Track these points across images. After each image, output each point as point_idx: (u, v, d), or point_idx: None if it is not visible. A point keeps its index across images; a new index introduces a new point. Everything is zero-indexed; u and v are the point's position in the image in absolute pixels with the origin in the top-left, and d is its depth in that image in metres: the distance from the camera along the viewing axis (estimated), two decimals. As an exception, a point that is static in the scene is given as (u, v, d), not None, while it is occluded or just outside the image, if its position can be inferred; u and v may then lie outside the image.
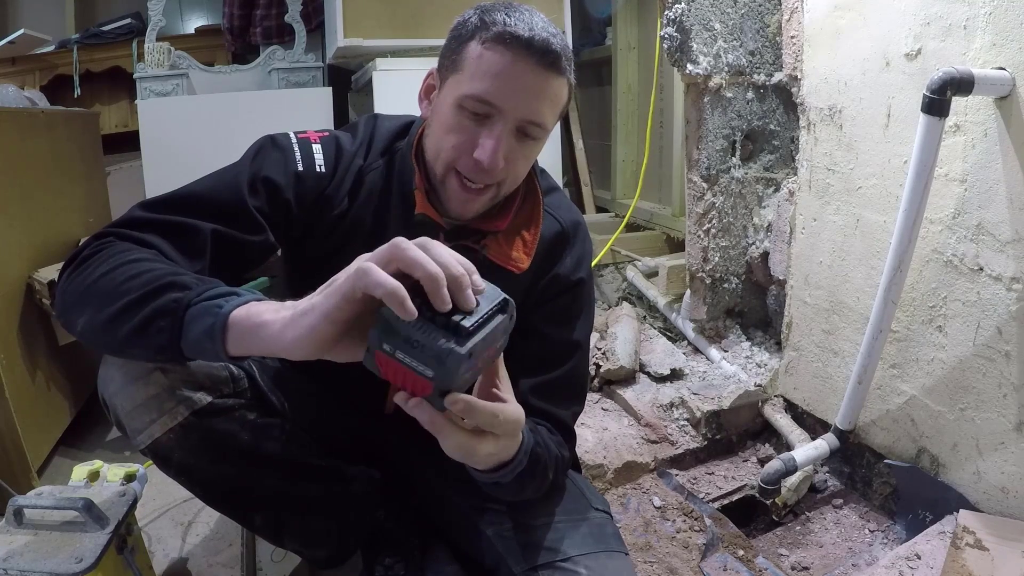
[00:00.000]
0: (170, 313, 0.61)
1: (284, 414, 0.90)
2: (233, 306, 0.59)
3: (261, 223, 0.80)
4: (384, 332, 0.54)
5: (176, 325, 0.61)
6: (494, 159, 0.75)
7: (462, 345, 0.54)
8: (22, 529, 0.88)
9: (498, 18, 0.75)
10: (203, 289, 0.62)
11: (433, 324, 0.54)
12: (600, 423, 1.56)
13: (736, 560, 1.17)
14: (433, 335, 0.54)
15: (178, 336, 0.61)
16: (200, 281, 0.64)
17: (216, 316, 0.59)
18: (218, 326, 0.58)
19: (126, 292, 0.63)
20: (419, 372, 0.55)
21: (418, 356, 0.54)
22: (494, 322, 0.57)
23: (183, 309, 0.61)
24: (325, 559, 0.98)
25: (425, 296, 0.54)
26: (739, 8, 1.60)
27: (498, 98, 0.75)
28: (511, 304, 0.60)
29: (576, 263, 0.93)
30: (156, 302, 0.62)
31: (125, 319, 0.63)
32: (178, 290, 0.62)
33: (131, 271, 0.65)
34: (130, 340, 0.63)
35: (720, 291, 1.79)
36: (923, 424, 1.23)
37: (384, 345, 0.54)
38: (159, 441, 0.76)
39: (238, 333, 0.58)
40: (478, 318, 0.56)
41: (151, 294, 0.62)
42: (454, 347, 0.54)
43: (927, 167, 1.05)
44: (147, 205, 0.76)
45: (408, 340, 0.54)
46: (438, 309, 0.54)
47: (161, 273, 0.65)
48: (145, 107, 2.41)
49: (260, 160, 0.82)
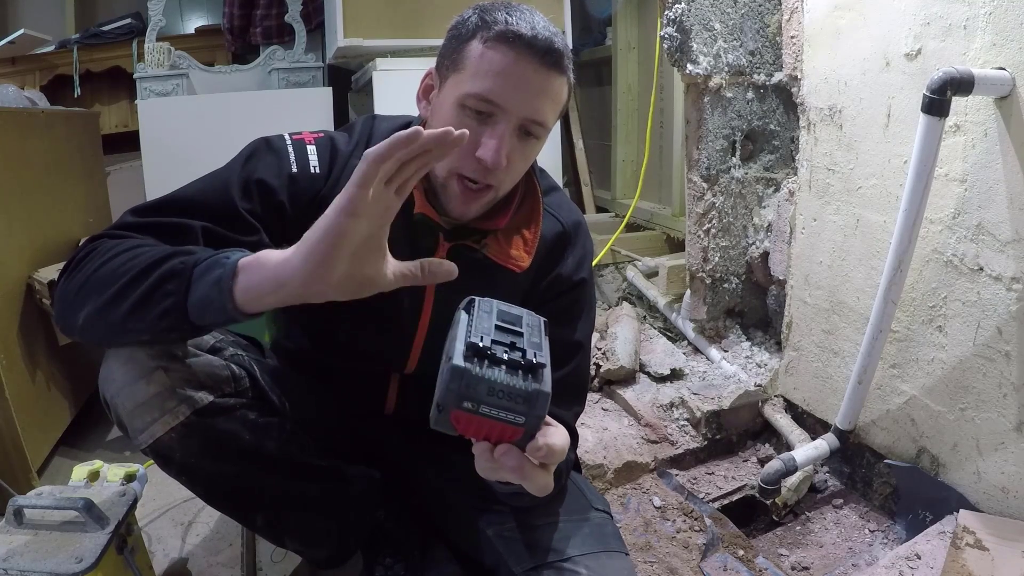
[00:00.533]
0: (177, 274, 0.62)
1: (285, 414, 0.90)
2: (240, 255, 0.61)
3: (253, 225, 0.79)
4: (460, 390, 0.51)
5: (183, 285, 0.61)
6: (497, 157, 0.75)
7: (544, 382, 0.52)
8: (22, 529, 0.88)
9: (499, 17, 0.75)
10: (211, 252, 0.63)
11: (506, 366, 0.51)
12: (600, 423, 1.56)
13: (736, 560, 1.17)
14: (513, 379, 0.51)
15: (184, 296, 0.61)
16: (204, 249, 0.65)
17: (224, 266, 0.60)
18: (227, 274, 0.59)
19: (129, 270, 0.64)
20: (508, 421, 0.52)
21: (505, 405, 0.51)
22: (548, 344, 0.56)
23: (191, 268, 0.62)
24: (325, 559, 0.98)
25: (480, 349, 0.51)
26: (739, 8, 1.61)
27: (501, 97, 0.75)
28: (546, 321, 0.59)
29: (577, 263, 0.93)
30: (162, 268, 0.63)
31: (128, 293, 0.63)
32: (184, 255, 0.63)
33: (132, 253, 0.66)
34: (133, 314, 0.64)
35: (720, 291, 1.79)
36: (923, 424, 1.23)
37: (465, 404, 0.51)
38: (160, 440, 0.76)
39: (247, 277, 0.59)
40: (538, 347, 0.54)
41: (157, 263, 0.63)
42: (540, 387, 0.51)
43: (927, 167, 1.05)
44: (137, 210, 0.77)
45: (491, 390, 0.51)
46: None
47: (164, 249, 0.66)
48: (145, 107, 2.41)
49: (253, 163, 0.82)
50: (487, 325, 0.55)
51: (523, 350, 0.53)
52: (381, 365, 0.95)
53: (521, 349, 0.53)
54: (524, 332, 0.56)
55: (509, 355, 0.52)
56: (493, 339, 0.53)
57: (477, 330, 0.53)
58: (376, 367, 0.96)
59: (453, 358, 0.51)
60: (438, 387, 0.53)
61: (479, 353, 0.52)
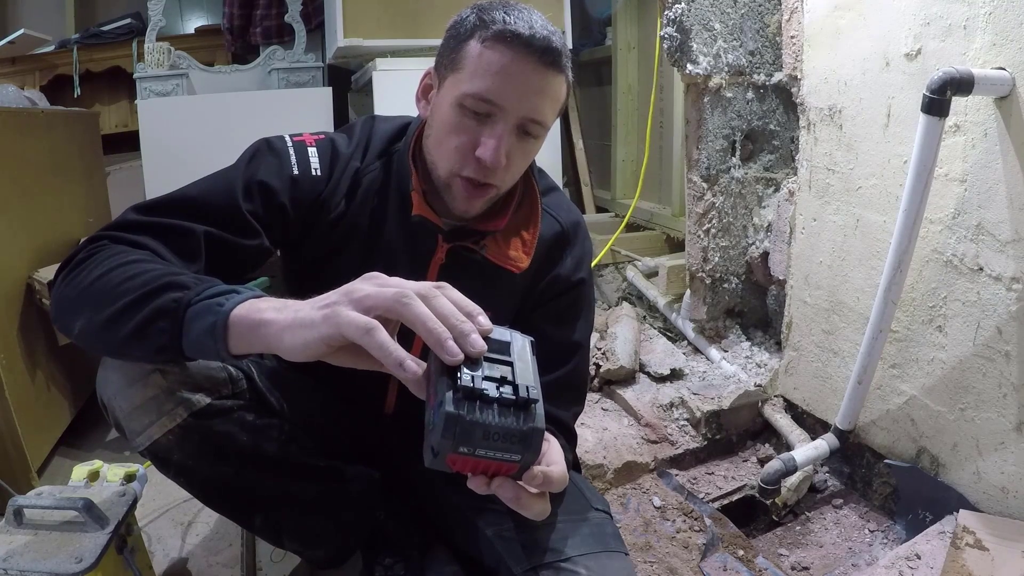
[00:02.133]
0: (170, 313, 0.61)
1: (283, 415, 0.89)
2: (234, 303, 0.59)
3: (255, 227, 0.79)
4: (455, 436, 0.50)
5: (176, 325, 0.60)
6: (496, 157, 0.75)
7: (537, 417, 0.52)
8: (22, 529, 0.88)
9: (497, 16, 0.75)
10: (203, 288, 0.62)
11: (499, 404, 0.51)
12: (600, 423, 1.56)
13: (736, 560, 1.17)
14: (506, 419, 0.51)
15: (179, 336, 0.61)
16: (199, 280, 0.64)
17: (217, 315, 0.59)
18: (220, 324, 0.58)
19: (124, 293, 0.63)
20: (504, 460, 0.52)
21: (500, 446, 0.51)
22: (536, 366, 0.55)
23: (183, 309, 0.60)
24: (325, 559, 0.98)
25: (471, 392, 0.51)
26: (739, 8, 1.60)
27: (499, 96, 0.75)
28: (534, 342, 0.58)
29: (576, 263, 0.93)
30: (155, 302, 0.61)
31: (124, 320, 0.63)
32: (177, 290, 0.62)
33: (128, 272, 0.65)
34: (129, 341, 0.63)
35: (720, 291, 1.79)
36: (923, 424, 1.23)
37: (460, 449, 0.51)
38: (158, 443, 0.76)
39: (240, 331, 0.58)
40: (528, 377, 0.53)
41: (150, 294, 0.62)
42: (535, 425, 0.51)
43: (927, 167, 1.05)
44: (140, 208, 0.76)
45: (486, 434, 0.51)
46: (447, 363, 0.52)
47: (159, 273, 0.64)
48: (145, 107, 2.41)
49: (255, 164, 0.82)
50: (477, 364, 0.53)
51: (515, 384, 0.52)
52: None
53: (512, 383, 0.53)
54: (514, 362, 0.54)
55: (501, 392, 0.51)
56: (484, 375, 0.52)
57: (466, 371, 0.52)
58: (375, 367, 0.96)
59: (445, 404, 0.50)
60: (432, 432, 0.52)
61: (471, 395, 0.51)
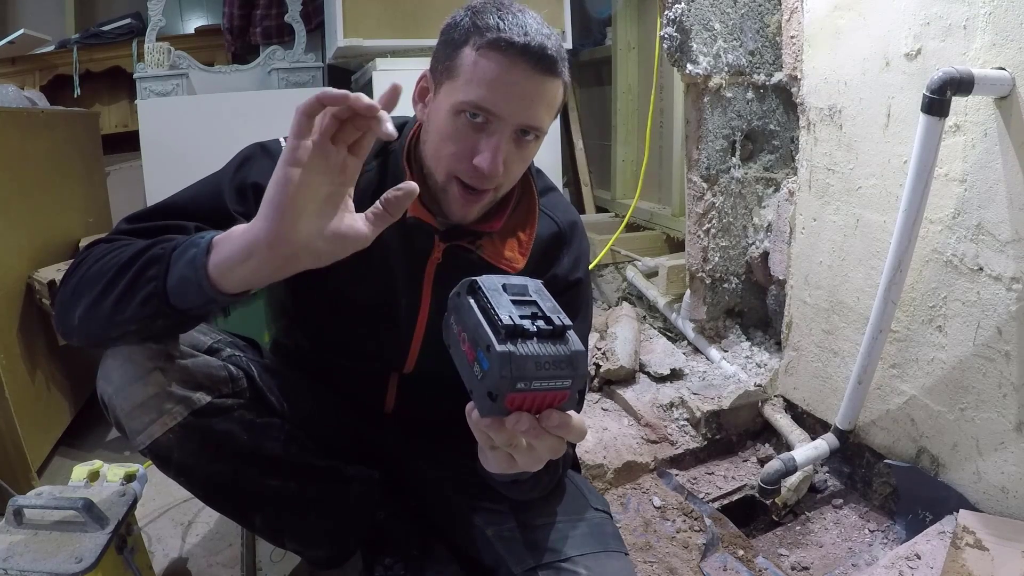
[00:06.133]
0: (157, 260, 0.64)
1: (283, 414, 0.90)
2: (214, 234, 0.62)
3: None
4: (512, 373, 0.51)
5: (163, 270, 0.63)
6: (494, 166, 0.75)
7: (575, 341, 0.54)
8: (22, 529, 0.88)
9: (491, 22, 0.74)
10: (192, 236, 0.65)
11: (538, 337, 0.52)
12: (600, 423, 1.56)
13: (736, 560, 1.17)
14: (552, 348, 0.52)
15: (164, 280, 0.62)
16: (187, 237, 0.66)
17: (198, 245, 0.61)
18: (200, 252, 0.60)
19: (114, 264, 0.66)
20: (558, 388, 0.53)
21: (552, 374, 0.52)
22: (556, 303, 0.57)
23: (169, 252, 0.63)
24: (325, 559, 0.98)
25: (514, 329, 0.52)
26: (739, 8, 1.60)
27: (495, 105, 0.74)
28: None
29: (573, 263, 0.93)
30: (145, 256, 0.65)
31: (115, 284, 0.65)
32: (167, 242, 0.65)
33: (119, 250, 0.69)
34: (119, 303, 0.65)
35: (720, 291, 1.79)
36: (923, 424, 1.23)
37: (518, 385, 0.52)
38: (158, 441, 0.76)
39: (218, 251, 0.60)
40: (554, 310, 0.55)
41: (139, 252, 0.65)
42: (577, 348, 0.53)
43: (927, 167, 1.05)
44: (131, 218, 0.78)
45: (538, 365, 0.52)
46: (386, 134, 0.56)
47: (149, 241, 0.68)
48: (145, 107, 2.40)
49: (247, 168, 0.82)
50: (505, 302, 0.55)
51: (546, 316, 0.54)
52: (380, 364, 0.95)
53: (543, 316, 0.54)
54: (536, 299, 0.56)
55: (538, 326, 0.53)
56: (520, 316, 0.54)
57: (501, 310, 0.53)
58: (375, 366, 0.96)
59: (495, 345, 0.51)
60: (485, 378, 0.53)
61: (514, 333, 0.52)
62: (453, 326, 0.58)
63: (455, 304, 0.59)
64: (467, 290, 0.58)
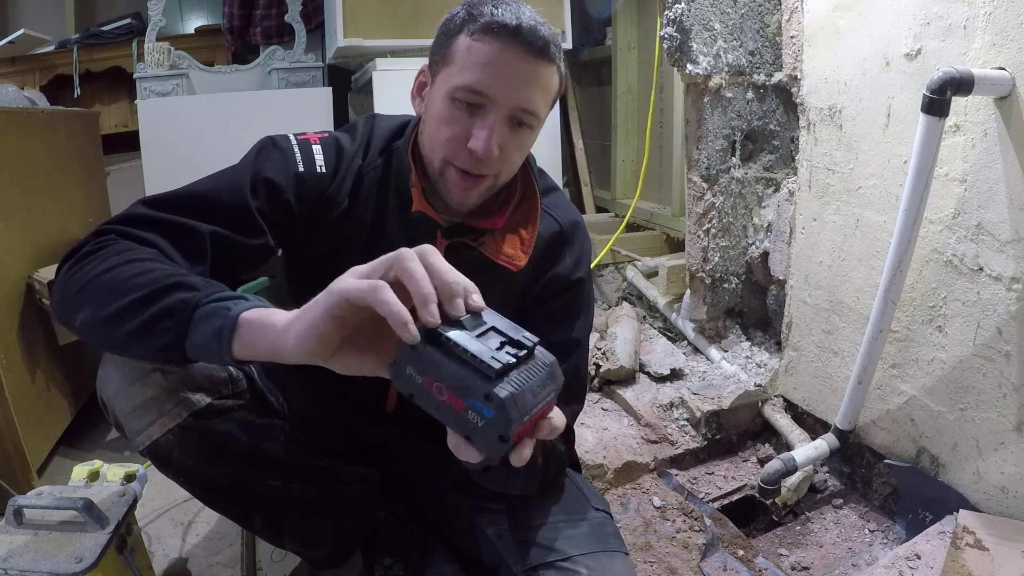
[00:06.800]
0: (177, 313, 0.61)
1: (283, 415, 0.90)
2: (242, 309, 0.59)
3: (261, 225, 0.80)
4: (518, 411, 0.52)
5: (183, 325, 0.60)
6: (488, 148, 0.76)
7: (546, 353, 0.56)
8: (22, 529, 0.88)
9: (485, 10, 0.76)
10: (211, 291, 0.62)
11: (518, 362, 0.54)
12: (600, 423, 1.56)
13: (736, 560, 1.17)
14: (533, 372, 0.55)
15: (183, 336, 0.60)
16: (207, 284, 0.64)
17: (225, 318, 0.59)
18: (227, 327, 0.58)
19: (131, 290, 0.63)
20: (548, 401, 0.57)
21: (542, 393, 0.55)
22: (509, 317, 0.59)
23: (191, 309, 0.61)
24: (325, 559, 0.98)
25: (502, 369, 0.52)
26: (739, 8, 1.60)
27: (489, 87, 0.75)
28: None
29: (575, 263, 0.93)
30: (163, 301, 0.62)
31: (129, 316, 0.63)
32: (186, 290, 0.62)
33: (136, 269, 0.65)
34: (132, 338, 0.63)
35: (720, 291, 1.79)
36: (923, 424, 1.23)
37: (525, 418, 0.54)
38: (158, 442, 0.76)
39: (245, 334, 0.58)
40: (515, 329, 0.56)
41: (158, 293, 0.62)
42: (549, 358, 0.56)
43: (927, 167, 1.05)
44: (149, 202, 0.76)
45: (533, 392, 0.54)
46: (425, 324, 0.52)
47: (168, 272, 0.65)
48: (145, 107, 2.41)
49: (261, 161, 0.82)
50: (473, 343, 0.53)
51: (513, 340, 0.55)
52: None
53: (510, 340, 0.55)
54: (493, 324, 0.56)
55: (513, 353, 0.54)
56: (494, 349, 0.54)
57: (479, 354, 0.52)
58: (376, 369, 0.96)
59: (497, 393, 0.51)
60: (494, 424, 0.52)
61: (503, 372, 0.52)
62: (416, 377, 0.55)
63: (413, 357, 0.55)
64: (428, 339, 0.54)
